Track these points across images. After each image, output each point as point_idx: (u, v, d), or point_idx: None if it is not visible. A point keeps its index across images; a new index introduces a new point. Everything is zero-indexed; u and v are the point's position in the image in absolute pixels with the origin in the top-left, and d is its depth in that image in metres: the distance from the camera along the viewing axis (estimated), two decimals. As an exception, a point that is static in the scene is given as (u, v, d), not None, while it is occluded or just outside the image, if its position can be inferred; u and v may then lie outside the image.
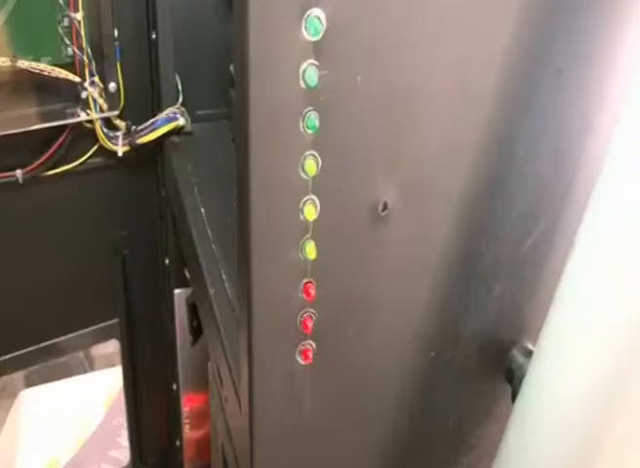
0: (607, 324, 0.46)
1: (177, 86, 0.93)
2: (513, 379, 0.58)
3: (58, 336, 1.06)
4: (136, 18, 0.90)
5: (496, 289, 0.56)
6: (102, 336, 1.11)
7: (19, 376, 1.22)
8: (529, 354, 0.58)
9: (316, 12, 0.40)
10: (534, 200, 0.54)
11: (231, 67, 0.91)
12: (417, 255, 0.51)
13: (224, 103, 0.98)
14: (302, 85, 0.41)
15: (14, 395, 1.22)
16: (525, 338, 0.59)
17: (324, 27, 0.40)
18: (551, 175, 0.54)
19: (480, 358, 0.59)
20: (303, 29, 0.40)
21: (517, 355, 0.59)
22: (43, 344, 1.05)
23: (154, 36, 0.90)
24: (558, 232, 0.56)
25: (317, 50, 0.41)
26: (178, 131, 0.94)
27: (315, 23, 0.40)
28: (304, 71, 0.41)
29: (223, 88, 0.96)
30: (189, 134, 0.95)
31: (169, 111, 0.93)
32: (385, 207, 0.47)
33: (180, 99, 0.94)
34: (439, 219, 0.50)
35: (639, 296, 0.45)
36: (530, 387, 0.51)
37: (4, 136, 0.84)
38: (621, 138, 0.44)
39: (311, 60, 0.41)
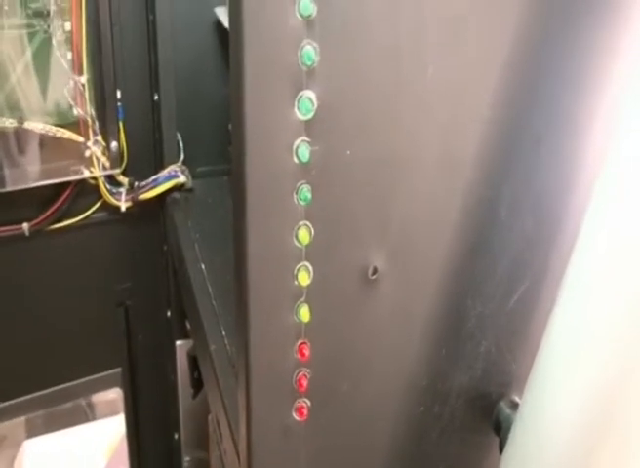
0: (589, 379, 0.48)
1: (178, 144, 0.97)
2: (501, 431, 0.60)
3: (61, 384, 1.08)
4: (140, 80, 0.94)
5: (482, 344, 0.58)
6: (105, 385, 1.13)
7: (20, 426, 1.22)
8: (515, 406, 0.60)
9: (308, 93, 0.42)
10: (517, 259, 0.56)
11: (230, 126, 0.94)
12: (405, 316, 0.53)
13: (224, 160, 1.01)
14: (295, 160, 0.44)
15: (16, 445, 1.22)
16: (512, 391, 0.61)
17: (315, 107, 0.43)
18: (534, 236, 0.56)
19: (468, 411, 0.61)
20: (296, 109, 0.42)
21: (504, 407, 0.61)
22: (47, 391, 1.07)
23: (157, 97, 0.93)
24: (541, 289, 0.58)
25: (309, 128, 0.43)
26: (179, 187, 0.97)
27: (307, 104, 0.42)
28: (297, 148, 0.43)
29: (223, 145, 0.99)
30: (190, 190, 0.98)
31: (170, 169, 0.96)
32: (375, 271, 0.49)
33: (182, 157, 0.97)
34: (426, 281, 0.53)
35: (623, 349, 0.47)
36: (516, 438, 0.52)
37: (12, 191, 0.87)
38: (600, 195, 0.47)
39: (303, 138, 0.43)
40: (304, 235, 0.46)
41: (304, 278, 0.47)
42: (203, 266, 0.82)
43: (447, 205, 0.51)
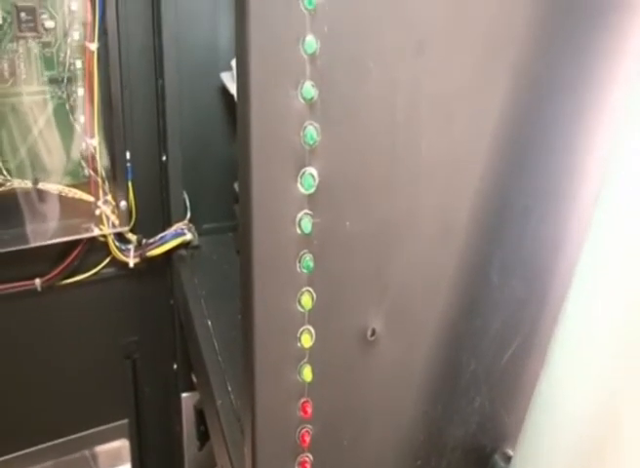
0: (580, 435, 0.50)
1: (185, 203, 1.00)
2: (496, 483, 0.62)
3: (68, 435, 1.10)
4: (148, 141, 0.98)
5: (477, 400, 0.60)
6: (112, 436, 1.14)
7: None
8: (509, 459, 0.62)
9: (310, 170, 0.46)
10: (509, 319, 0.59)
11: (235, 185, 0.97)
12: (403, 374, 0.56)
13: (229, 217, 1.04)
14: (298, 231, 0.47)
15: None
16: (506, 444, 0.64)
17: (317, 182, 0.46)
18: (524, 297, 0.59)
19: (464, 464, 0.63)
20: (299, 185, 0.46)
21: (499, 460, 0.63)
22: (54, 442, 1.08)
23: (164, 158, 0.97)
24: (533, 346, 0.61)
25: (311, 201, 0.46)
26: (185, 244, 1.00)
27: (309, 180, 0.46)
28: (300, 220, 0.47)
29: (227, 203, 1.03)
30: (196, 247, 1.01)
31: (177, 226, 0.99)
32: (374, 333, 0.52)
33: (189, 215, 1.01)
34: (422, 341, 0.55)
35: (613, 405, 0.49)
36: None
37: (24, 248, 0.91)
38: (588, 256, 0.49)
39: (306, 211, 0.46)
40: (307, 300, 0.49)
41: (307, 340, 0.50)
42: (209, 322, 0.84)
43: (441, 270, 0.54)
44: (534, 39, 0.50)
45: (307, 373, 0.51)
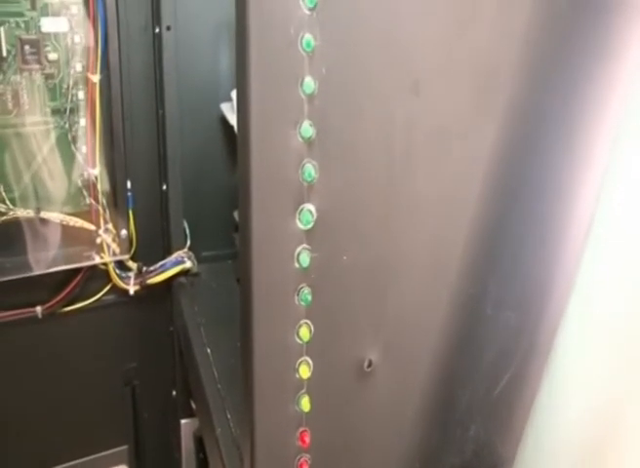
0: (575, 444, 0.51)
1: (185, 231, 1.01)
2: (491, 511, 0.63)
3: (68, 461, 1.10)
4: (149, 171, 0.99)
5: (471, 429, 0.61)
6: (112, 462, 1.14)
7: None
8: (505, 487, 0.63)
9: (308, 206, 0.47)
10: (503, 349, 0.60)
11: (235, 213, 0.98)
12: (399, 404, 0.57)
13: (228, 245, 1.05)
14: (297, 265, 0.48)
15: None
16: (501, 472, 0.65)
17: (314, 218, 0.47)
18: (517, 328, 0.60)
19: (460, 492, 0.64)
20: (297, 221, 0.47)
21: (494, 488, 0.64)
22: (55, 468, 1.09)
23: (165, 187, 0.98)
24: (526, 375, 0.62)
25: (309, 236, 0.48)
26: (185, 272, 1.01)
27: (307, 216, 0.47)
28: (299, 254, 0.48)
29: (226, 231, 1.04)
30: (196, 275, 1.02)
31: (177, 255, 1.00)
32: (370, 364, 0.54)
33: (188, 243, 1.02)
34: (418, 372, 0.57)
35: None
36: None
37: (26, 276, 0.92)
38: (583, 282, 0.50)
39: (304, 245, 0.48)
40: (305, 332, 0.50)
41: (305, 371, 0.51)
42: (209, 350, 0.85)
43: (436, 303, 0.55)
44: (529, 70, 0.52)
45: (305, 404, 0.52)
